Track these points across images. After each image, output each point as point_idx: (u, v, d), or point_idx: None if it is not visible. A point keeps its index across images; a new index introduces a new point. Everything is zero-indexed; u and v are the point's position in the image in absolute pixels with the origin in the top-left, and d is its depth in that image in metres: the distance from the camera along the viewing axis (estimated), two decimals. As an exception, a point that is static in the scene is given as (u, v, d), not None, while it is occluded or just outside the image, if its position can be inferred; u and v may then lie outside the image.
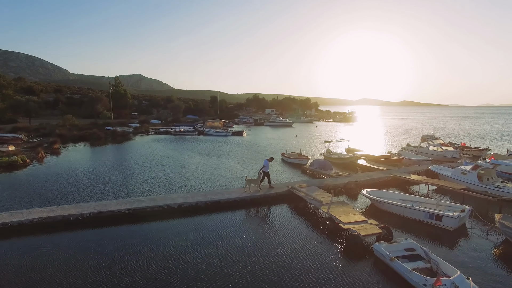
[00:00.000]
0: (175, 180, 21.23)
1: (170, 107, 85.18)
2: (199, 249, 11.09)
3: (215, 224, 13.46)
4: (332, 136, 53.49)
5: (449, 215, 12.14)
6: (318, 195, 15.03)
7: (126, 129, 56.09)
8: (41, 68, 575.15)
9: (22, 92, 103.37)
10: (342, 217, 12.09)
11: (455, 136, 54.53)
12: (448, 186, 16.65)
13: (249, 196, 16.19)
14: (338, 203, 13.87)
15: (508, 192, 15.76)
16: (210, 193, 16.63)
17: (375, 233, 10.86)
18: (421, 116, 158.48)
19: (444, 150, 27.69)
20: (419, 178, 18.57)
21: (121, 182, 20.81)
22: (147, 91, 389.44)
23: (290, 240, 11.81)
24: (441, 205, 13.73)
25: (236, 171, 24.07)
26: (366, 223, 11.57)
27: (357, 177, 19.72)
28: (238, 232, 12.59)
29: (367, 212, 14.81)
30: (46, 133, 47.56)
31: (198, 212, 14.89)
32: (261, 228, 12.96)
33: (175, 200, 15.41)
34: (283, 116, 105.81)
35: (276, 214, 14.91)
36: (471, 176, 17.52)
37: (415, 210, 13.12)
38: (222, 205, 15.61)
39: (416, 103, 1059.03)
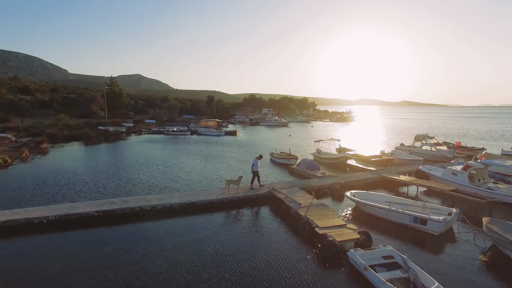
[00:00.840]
0: (158, 181, 20.44)
1: (165, 107, 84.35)
2: (167, 255, 10.36)
3: (188, 228, 12.70)
4: (327, 136, 52.69)
5: (434, 219, 11.36)
6: (298, 197, 14.23)
7: (119, 129, 55.34)
8: (40, 68, 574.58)
9: (18, 92, 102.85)
10: (319, 221, 11.30)
11: (453, 135, 53.76)
12: (437, 188, 15.85)
13: (228, 198, 15.42)
14: (318, 205, 13.07)
15: (500, 194, 15.00)
16: (187, 194, 15.84)
17: (352, 239, 10.07)
18: (420, 116, 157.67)
19: (437, 150, 26.92)
20: (408, 179, 17.79)
21: (101, 183, 20.03)
22: (147, 91, 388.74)
23: (265, 245, 11.03)
24: (428, 207, 12.96)
25: (222, 172, 23.29)
26: (344, 228, 10.78)
27: (344, 177, 18.92)
28: (210, 236, 11.81)
29: (350, 215, 14.05)
30: (37, 133, 46.79)
31: (173, 215, 14.12)
32: (235, 232, 12.19)
33: (148, 201, 14.65)
34: (280, 116, 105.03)
35: (254, 217, 14.15)
36: (461, 176, 16.74)
37: (399, 213, 12.33)
38: (198, 207, 14.85)
39: (416, 103, 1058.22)
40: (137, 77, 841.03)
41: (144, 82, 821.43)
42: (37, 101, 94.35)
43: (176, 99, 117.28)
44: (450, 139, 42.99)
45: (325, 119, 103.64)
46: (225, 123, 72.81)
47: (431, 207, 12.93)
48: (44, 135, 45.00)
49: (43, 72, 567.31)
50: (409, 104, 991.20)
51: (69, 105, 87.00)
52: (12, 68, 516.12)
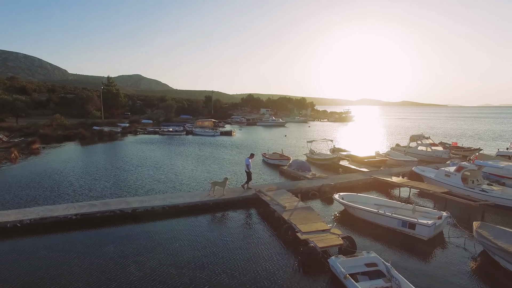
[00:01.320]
0: (145, 183, 19.89)
1: (162, 107, 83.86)
2: (141, 260, 9.88)
3: (168, 232, 12.20)
4: (323, 136, 52.17)
5: (423, 223, 10.85)
6: (284, 200, 13.73)
7: (114, 129, 54.87)
8: (40, 68, 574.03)
9: (15, 92, 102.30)
10: (302, 225, 10.81)
11: (451, 136, 53.27)
12: (428, 190, 15.33)
13: (212, 200, 14.92)
14: (303, 208, 12.57)
15: (493, 196, 14.50)
16: (170, 196, 15.34)
17: (335, 245, 9.57)
18: (419, 116, 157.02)
19: (433, 150, 26.40)
20: (400, 181, 17.28)
21: (87, 184, 19.51)
22: (146, 91, 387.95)
23: (245, 251, 10.52)
24: (418, 211, 12.45)
25: (212, 173, 22.75)
26: (328, 233, 10.28)
27: (334, 179, 18.42)
28: (190, 241, 11.32)
29: (338, 218, 13.54)
30: (30, 133, 46.32)
31: (154, 218, 13.62)
32: (216, 237, 11.68)
33: (130, 204, 14.16)
34: (278, 116, 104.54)
35: (238, 220, 13.61)
36: (455, 178, 16.24)
37: (387, 217, 11.83)
38: (181, 209, 14.35)
39: (416, 103, 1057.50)
40: (137, 77, 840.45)
41: (143, 82, 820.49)
42: (34, 101, 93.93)
43: (174, 99, 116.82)
44: (447, 139, 42.48)
45: (323, 119, 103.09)
46: (222, 123, 72.34)
47: (421, 210, 12.43)
48: (38, 135, 44.61)
49: (42, 72, 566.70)
50: (409, 104, 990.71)
51: (67, 105, 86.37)
52: (12, 68, 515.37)
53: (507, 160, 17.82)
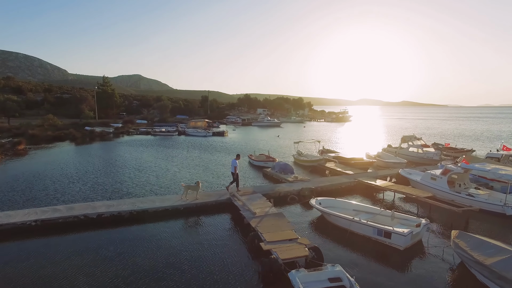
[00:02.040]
0: (124, 186, 19.09)
1: (156, 107, 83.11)
2: (93, 273, 9.16)
3: (131, 239, 11.44)
4: (317, 136, 51.41)
5: (398, 231, 10.09)
6: (256, 205, 12.97)
7: (106, 130, 54.20)
8: (40, 68, 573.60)
9: (10, 92, 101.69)
10: (268, 234, 10.05)
11: (448, 136, 52.50)
12: (412, 194, 14.55)
13: (184, 205, 14.17)
14: (274, 215, 11.81)
15: (479, 201, 13.73)
16: (140, 201, 14.58)
17: (298, 256, 8.81)
18: (418, 116, 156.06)
19: (424, 152, 25.65)
20: (385, 184, 16.49)
21: (62, 188, 18.68)
22: (146, 91, 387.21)
23: (208, 263, 9.75)
24: (397, 217, 11.68)
25: (196, 175, 21.94)
26: (294, 243, 9.52)
27: (316, 182, 17.64)
28: (151, 251, 10.55)
29: (314, 225, 12.77)
30: (19, 134, 45.60)
31: (120, 223, 12.91)
32: (180, 246, 10.92)
33: (95, 209, 13.40)
34: (275, 116, 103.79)
35: (207, 227, 12.85)
36: (440, 181, 15.48)
37: (363, 224, 11.06)
38: (150, 214, 13.61)
39: (416, 104, 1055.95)
40: (137, 78, 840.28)
41: (143, 82, 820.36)
42: (29, 101, 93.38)
43: (170, 100, 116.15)
44: (444, 140, 41.72)
45: (319, 120, 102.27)
46: (216, 123, 71.61)
47: (400, 217, 11.66)
48: (27, 136, 43.95)
49: (42, 72, 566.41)
50: (409, 104, 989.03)
51: (62, 105, 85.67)
52: (12, 69, 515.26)
53: (496, 162, 17.04)
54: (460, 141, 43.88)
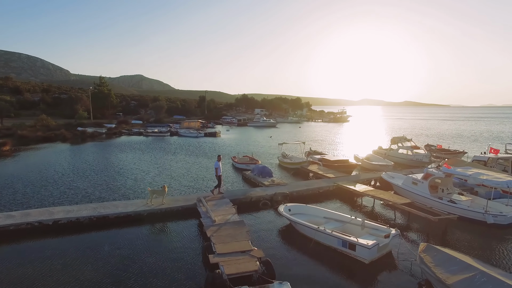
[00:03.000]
0: (98, 190, 18.26)
1: (152, 107, 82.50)
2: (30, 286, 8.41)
3: (85, 249, 10.69)
4: (311, 137, 50.56)
5: (362, 243, 9.26)
6: (219, 212, 12.21)
7: (98, 130, 53.67)
8: (42, 68, 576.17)
9: (9, 92, 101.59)
10: (221, 245, 9.30)
11: (446, 136, 51.43)
12: (389, 200, 13.70)
13: (148, 210, 13.44)
14: (234, 223, 11.03)
15: (460, 208, 12.87)
16: (102, 206, 13.83)
17: (246, 271, 8.01)
18: (419, 116, 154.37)
19: (413, 154, 24.77)
20: (363, 189, 15.63)
21: (32, 192, 17.79)
22: (148, 92, 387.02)
23: (156, 275, 9.04)
24: (367, 226, 10.86)
25: (176, 178, 21.16)
26: (246, 255, 8.74)
27: (292, 186, 16.82)
28: (100, 260, 9.86)
29: (282, 234, 11.95)
30: (9, 134, 45.05)
31: (78, 230, 12.22)
32: (131, 256, 10.19)
33: (53, 215, 12.69)
34: (273, 116, 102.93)
35: (167, 234, 12.11)
36: (422, 186, 14.64)
37: (327, 234, 10.24)
38: (111, 220, 12.91)
39: (418, 104, 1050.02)
40: (139, 78, 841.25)
41: (145, 82, 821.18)
42: (27, 101, 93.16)
43: (168, 100, 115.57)
44: (441, 141, 40.78)
45: (317, 120, 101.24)
46: (211, 123, 70.87)
47: (371, 226, 10.82)
48: (16, 136, 43.44)
49: (45, 72, 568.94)
50: (411, 104, 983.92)
51: (59, 106, 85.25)
52: (15, 69, 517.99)
53: (481, 166, 16.18)
54: (457, 143, 42.87)
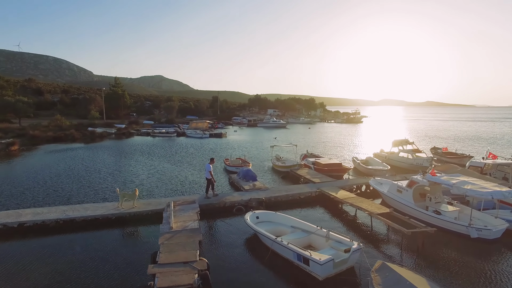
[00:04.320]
0: (84, 191, 18.22)
1: (163, 108, 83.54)
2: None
3: (38, 252, 10.55)
4: (317, 138, 49.39)
5: (315, 259, 8.53)
6: (180, 218, 11.76)
7: (108, 130, 54.78)
8: (68, 70, 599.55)
9: (31, 93, 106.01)
10: (165, 254, 8.85)
11: (462, 138, 48.80)
12: (366, 209, 12.77)
13: (116, 214, 13.21)
14: (189, 231, 10.53)
15: (444, 220, 11.82)
16: (72, 208, 13.71)
17: (180, 285, 7.49)
18: (439, 117, 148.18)
19: (414, 158, 23.44)
20: (343, 196, 14.71)
21: (12, 194, 17.79)
22: (168, 92, 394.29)
23: (94, 281, 8.70)
24: (331, 238, 10.08)
25: (164, 181, 20.83)
26: (187, 267, 8.22)
27: (272, 192, 16.13)
28: (50, 265, 9.64)
29: (247, 243, 11.32)
30: (23, 134, 46.70)
31: (44, 233, 12.13)
32: (87, 260, 10.00)
33: (20, 217, 12.67)
34: (286, 116, 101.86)
35: (130, 239, 11.84)
36: (406, 195, 13.64)
37: (284, 246, 9.56)
38: (77, 224, 12.77)
39: (441, 104, 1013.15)
40: (159, 78, 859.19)
41: (165, 83, 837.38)
42: (47, 102, 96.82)
43: (182, 100, 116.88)
44: (456, 143, 38.65)
45: (330, 121, 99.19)
46: (220, 124, 70.82)
47: (334, 238, 10.02)
48: (28, 136, 44.97)
49: (70, 74, 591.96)
50: (433, 105, 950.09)
51: (75, 106, 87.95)
52: (42, 71, 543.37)
53: (472, 172, 14.91)
54: (473, 145, 40.46)
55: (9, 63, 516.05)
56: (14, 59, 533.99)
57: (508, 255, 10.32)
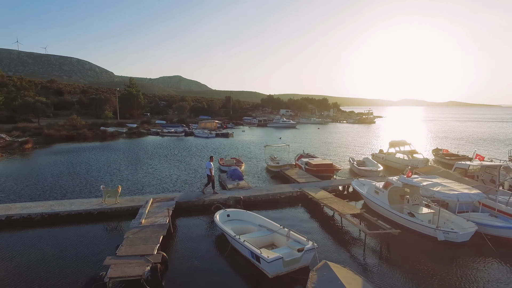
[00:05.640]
0: (77, 188, 19.10)
1: (175, 108, 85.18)
2: None
3: (18, 244, 11.27)
4: (324, 139, 49.03)
5: (264, 257, 8.73)
6: (153, 214, 12.25)
7: (119, 130, 56.47)
8: (90, 71, 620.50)
9: (53, 93, 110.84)
10: (126, 247, 9.38)
11: (476, 140, 47.02)
12: (336, 210, 12.79)
13: (98, 209, 13.86)
14: (156, 226, 10.96)
15: (416, 223, 11.70)
16: (58, 203, 14.47)
17: (130, 276, 7.90)
18: (458, 117, 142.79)
19: (409, 159, 23.02)
20: (320, 196, 14.75)
21: (17, 188, 18.92)
22: (186, 92, 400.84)
23: (53, 272, 9.31)
24: (291, 237, 10.24)
25: (160, 179, 21.54)
26: (142, 259, 8.63)
27: (254, 191, 16.35)
28: (22, 258, 10.29)
29: (217, 241, 11.62)
30: (37, 133, 49.01)
31: (30, 226, 12.91)
32: (55, 253, 10.56)
33: (8, 210, 13.55)
34: (298, 117, 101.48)
35: (106, 233, 12.40)
36: (382, 196, 13.55)
37: (241, 244, 9.81)
38: (61, 218, 13.51)
39: (464, 104, 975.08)
40: (177, 79, 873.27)
41: (183, 83, 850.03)
42: (66, 102, 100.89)
43: (195, 100, 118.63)
44: (465, 144, 37.37)
45: (342, 121, 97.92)
46: (230, 124, 71.48)
47: (294, 237, 10.15)
48: (43, 135, 47.22)
49: (92, 75, 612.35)
50: (456, 105, 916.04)
51: (91, 106, 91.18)
52: (67, 72, 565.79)
53: (452, 174, 14.54)
54: (485, 147, 38.95)
55: (36, 65, 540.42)
56: (41, 61, 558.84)
57: (471, 259, 10.10)
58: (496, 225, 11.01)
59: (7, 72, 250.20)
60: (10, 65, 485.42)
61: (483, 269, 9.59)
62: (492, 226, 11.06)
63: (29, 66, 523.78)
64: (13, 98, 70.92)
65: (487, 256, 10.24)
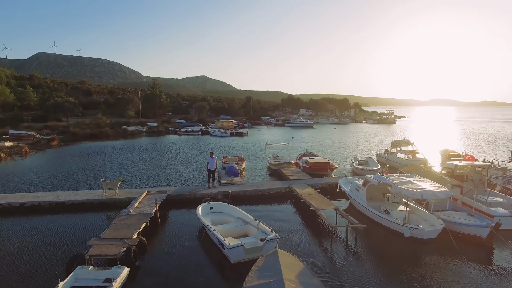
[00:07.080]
0: (87, 182, 20.95)
1: (194, 108, 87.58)
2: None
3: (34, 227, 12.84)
4: (337, 139, 48.84)
5: (226, 244, 9.57)
6: (142, 204, 13.50)
7: (139, 128, 59.19)
8: (119, 72, 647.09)
9: (82, 94, 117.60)
10: (110, 231, 10.63)
11: (501, 141, 44.90)
12: (313, 205, 13.35)
13: (99, 200, 15.34)
14: (142, 215, 12.15)
15: (388, 220, 12.07)
16: (65, 194, 16.15)
17: (107, 255, 9.06)
18: (490, 118, 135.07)
19: (409, 159, 22.90)
20: (303, 193, 15.34)
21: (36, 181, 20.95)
22: (212, 92, 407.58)
23: (39, 253, 10.64)
24: (260, 228, 11.01)
25: (168, 173, 23.05)
26: (120, 242, 9.78)
27: (244, 186, 17.23)
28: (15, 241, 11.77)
29: (192, 230, 12.61)
30: (64, 131, 52.61)
31: (39, 213, 14.59)
32: (52, 237, 11.98)
33: (23, 198, 15.33)
34: (318, 116, 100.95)
35: (103, 220, 13.76)
36: (361, 193, 13.95)
37: (211, 232, 10.74)
38: (66, 207, 15.07)
39: (500, 104, 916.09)
40: (203, 79, 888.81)
41: (209, 83, 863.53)
42: (94, 102, 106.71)
43: (216, 100, 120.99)
44: (483, 146, 35.71)
45: (361, 121, 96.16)
46: (248, 124, 72.59)
47: (262, 228, 10.90)
48: (69, 133, 50.69)
49: (121, 75, 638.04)
50: (490, 104, 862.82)
51: (116, 106, 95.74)
52: (98, 73, 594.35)
53: (435, 174, 14.53)
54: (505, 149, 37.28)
55: (70, 67, 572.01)
56: (75, 63, 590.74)
57: (435, 256, 10.32)
58: (461, 223, 11.17)
59: (45, 74, 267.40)
60: (48, 67, 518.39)
61: (443, 265, 9.84)
62: (459, 223, 11.23)
63: (64, 68, 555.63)
64: (46, 99, 76.26)
65: (450, 252, 10.45)
